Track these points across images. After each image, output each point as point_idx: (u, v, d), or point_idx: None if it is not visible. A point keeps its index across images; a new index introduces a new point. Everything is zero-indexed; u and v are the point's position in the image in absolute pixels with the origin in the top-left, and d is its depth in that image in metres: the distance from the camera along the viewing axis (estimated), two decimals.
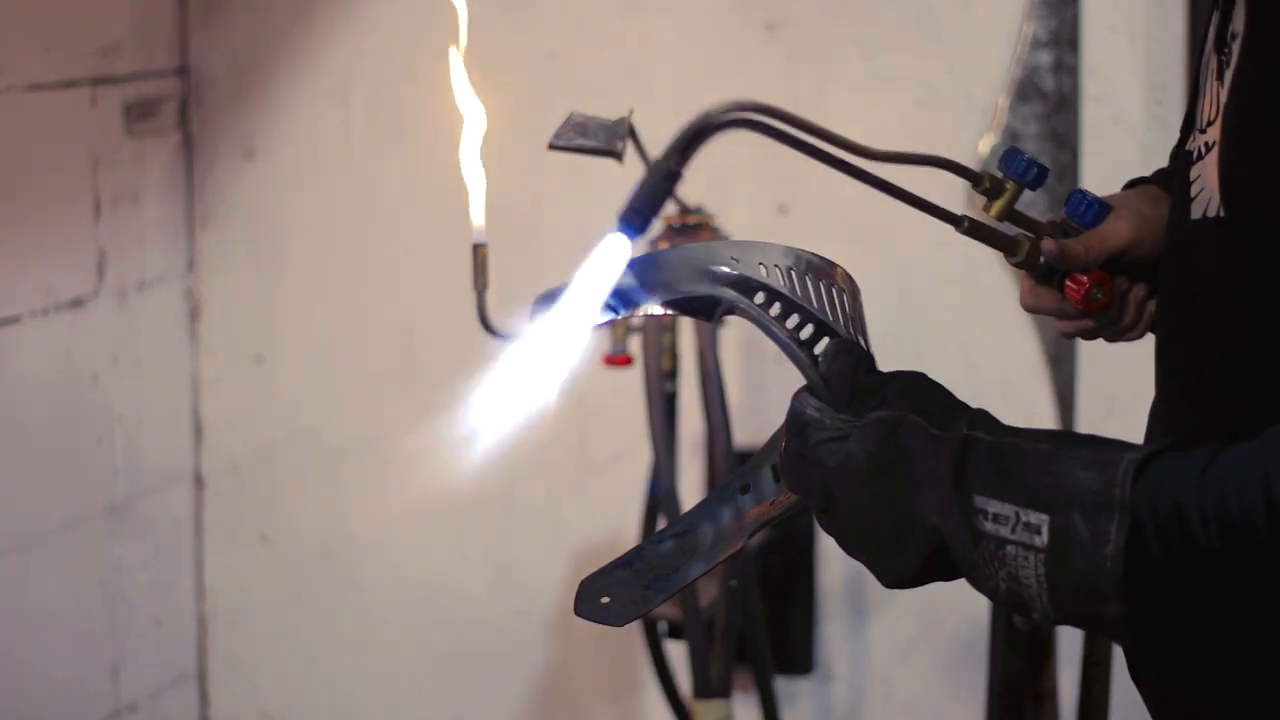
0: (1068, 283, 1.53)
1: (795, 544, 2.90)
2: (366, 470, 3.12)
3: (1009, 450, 1.16)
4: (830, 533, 1.26)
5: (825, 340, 1.30)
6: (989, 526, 1.15)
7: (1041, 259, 1.54)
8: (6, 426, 2.76)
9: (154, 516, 3.07)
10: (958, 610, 2.89)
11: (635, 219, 1.30)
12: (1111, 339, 1.60)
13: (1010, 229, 1.57)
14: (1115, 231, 1.52)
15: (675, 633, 2.65)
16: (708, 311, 1.31)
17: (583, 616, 1.32)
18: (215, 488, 3.18)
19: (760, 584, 2.69)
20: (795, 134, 1.38)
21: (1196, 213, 1.27)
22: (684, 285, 1.29)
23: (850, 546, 1.24)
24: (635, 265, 1.30)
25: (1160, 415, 1.35)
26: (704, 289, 1.29)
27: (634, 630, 2.83)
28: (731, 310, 1.29)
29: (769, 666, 2.67)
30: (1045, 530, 1.13)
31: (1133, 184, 1.58)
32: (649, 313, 1.31)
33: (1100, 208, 1.53)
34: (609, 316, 1.29)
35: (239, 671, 3.21)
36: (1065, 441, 1.16)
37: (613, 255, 1.31)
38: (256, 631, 3.20)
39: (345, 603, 3.15)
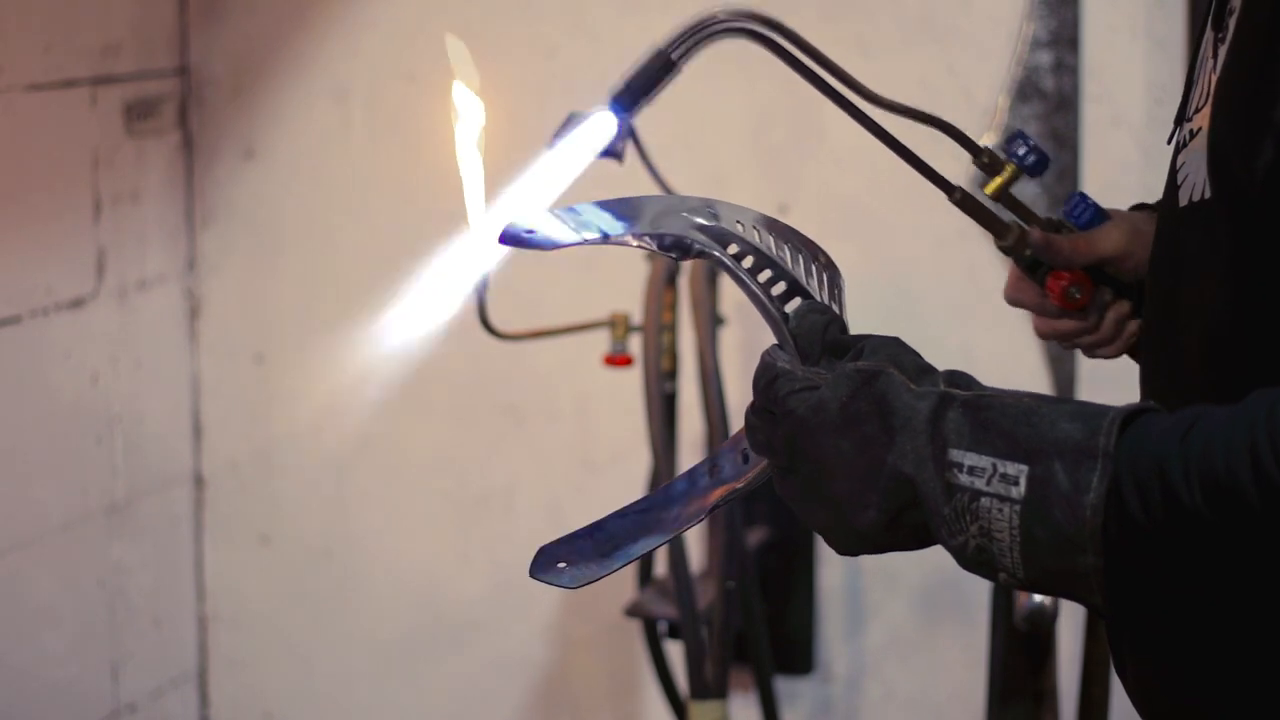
0: (1049, 278, 1.55)
1: (795, 544, 2.90)
2: (366, 470, 3.12)
3: (989, 404, 1.15)
4: (789, 497, 1.23)
5: (798, 300, 1.29)
6: (963, 479, 1.14)
7: (1028, 250, 1.55)
8: (6, 426, 2.77)
9: (154, 516, 3.08)
10: (958, 610, 2.89)
11: (626, 98, 1.31)
12: (1087, 352, 1.60)
13: (1006, 214, 1.58)
14: (1106, 237, 1.53)
15: (675, 633, 2.65)
16: (681, 251, 1.30)
17: (538, 579, 1.33)
18: (215, 487, 3.18)
19: (760, 584, 2.69)
20: (799, 57, 1.38)
21: (1184, 199, 1.27)
22: (659, 225, 1.29)
23: (811, 507, 1.21)
24: (613, 204, 1.30)
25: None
26: (676, 229, 1.29)
27: (634, 630, 2.83)
28: (702, 254, 1.29)
29: (769, 666, 2.67)
30: (1023, 481, 1.12)
31: (1138, 208, 1.59)
32: (624, 244, 1.31)
33: (1097, 212, 1.55)
34: (587, 239, 1.28)
35: (239, 671, 3.21)
36: (1048, 399, 1.16)
37: (597, 130, 1.31)
38: (256, 631, 3.20)
39: (345, 603, 3.15)
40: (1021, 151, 1.55)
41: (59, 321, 2.85)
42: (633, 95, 1.32)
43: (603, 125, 1.31)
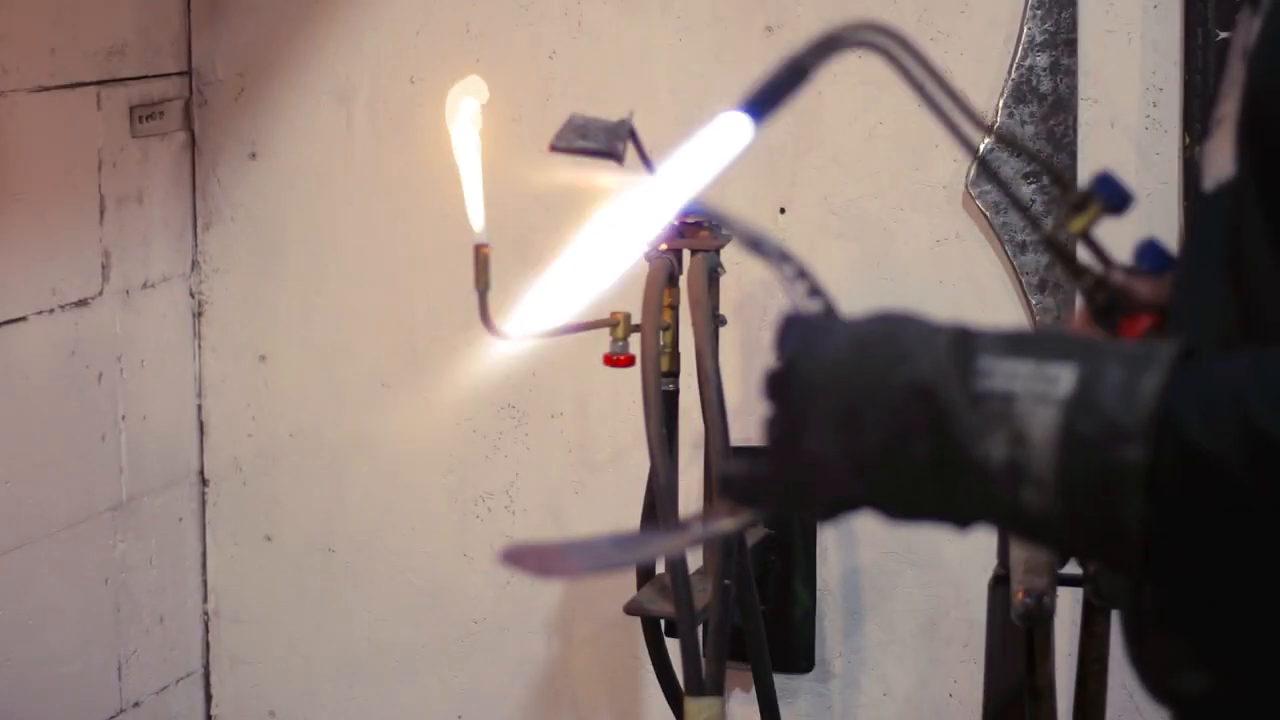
0: (1124, 321, 1.54)
1: (795, 543, 2.91)
2: (369, 469, 3.13)
3: (1024, 333, 1.11)
4: (776, 433, 1.14)
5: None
6: (996, 383, 1.07)
7: (1106, 292, 1.54)
8: (12, 425, 2.78)
9: (158, 515, 3.09)
10: (956, 608, 2.90)
11: (760, 104, 1.28)
12: None
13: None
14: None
15: (674, 630, 2.66)
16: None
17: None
18: (219, 486, 3.19)
19: (760, 582, 2.70)
20: (917, 77, 1.35)
21: (1209, 186, 1.25)
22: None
23: (798, 441, 1.12)
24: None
25: None
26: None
27: (635, 627, 2.84)
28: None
29: (768, 664, 2.68)
30: (1070, 378, 1.05)
31: None
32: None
33: (1169, 260, 1.54)
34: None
35: (242, 668, 3.23)
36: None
37: (729, 135, 1.28)
38: (260, 629, 3.21)
39: (347, 600, 3.16)
40: (1108, 190, 1.54)
41: (64, 321, 2.87)
42: (766, 102, 1.30)
43: (734, 129, 1.28)
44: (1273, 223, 1.16)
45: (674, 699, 2.73)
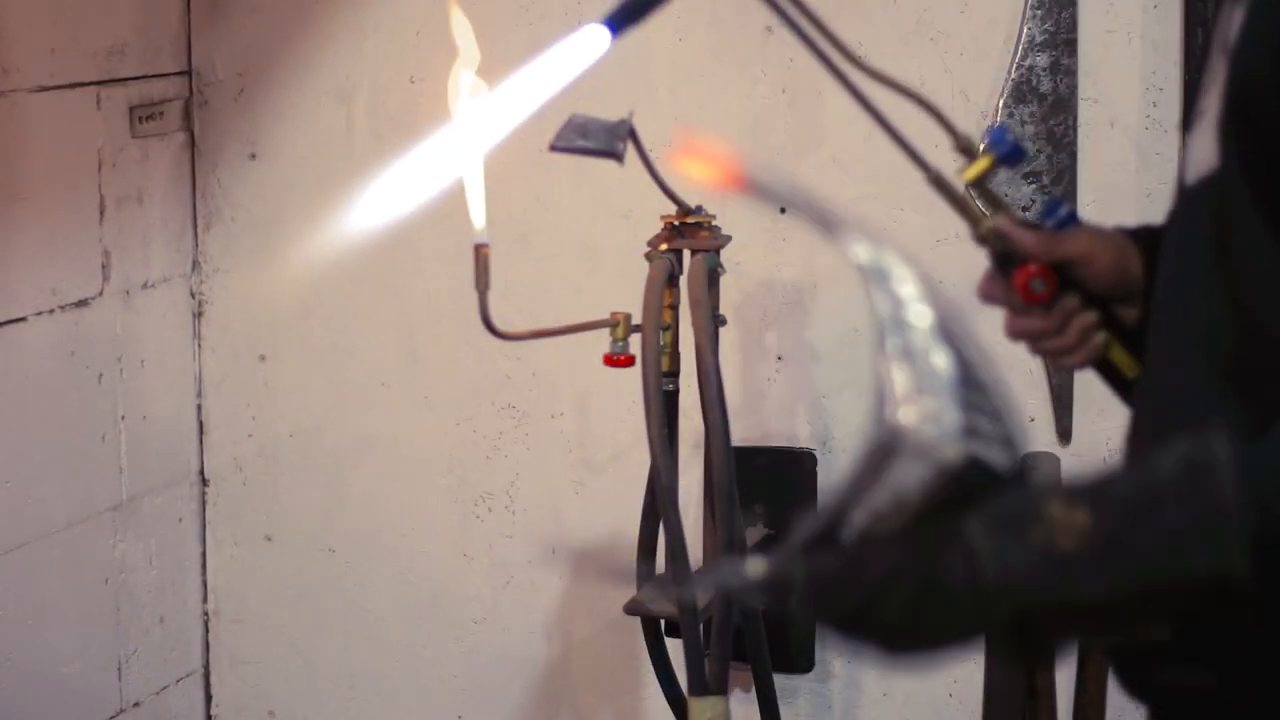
0: (1015, 271, 1.57)
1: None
2: (368, 469, 3.13)
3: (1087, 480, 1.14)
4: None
5: None
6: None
7: (997, 239, 1.58)
8: (12, 425, 2.78)
9: (158, 515, 3.09)
10: None
11: (618, 19, 1.37)
12: (1053, 358, 1.59)
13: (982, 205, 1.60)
14: (1071, 239, 1.54)
15: (674, 630, 2.66)
16: None
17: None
18: (219, 486, 3.20)
19: None
20: (793, 17, 1.38)
21: (1191, 178, 1.26)
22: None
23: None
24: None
25: (1147, 389, 1.35)
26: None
27: (635, 627, 2.84)
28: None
29: (768, 665, 2.68)
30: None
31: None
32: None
33: (1069, 218, 1.57)
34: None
35: (242, 669, 3.23)
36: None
37: (586, 44, 1.36)
38: (260, 629, 3.21)
39: (347, 601, 3.17)
40: (998, 142, 1.58)
41: (64, 321, 2.87)
42: (625, 17, 1.38)
43: (593, 40, 1.39)
44: (1262, 214, 1.16)
45: (674, 699, 2.74)
